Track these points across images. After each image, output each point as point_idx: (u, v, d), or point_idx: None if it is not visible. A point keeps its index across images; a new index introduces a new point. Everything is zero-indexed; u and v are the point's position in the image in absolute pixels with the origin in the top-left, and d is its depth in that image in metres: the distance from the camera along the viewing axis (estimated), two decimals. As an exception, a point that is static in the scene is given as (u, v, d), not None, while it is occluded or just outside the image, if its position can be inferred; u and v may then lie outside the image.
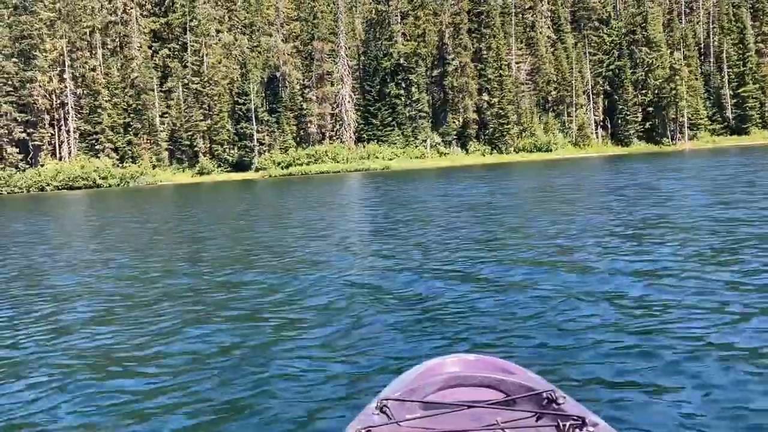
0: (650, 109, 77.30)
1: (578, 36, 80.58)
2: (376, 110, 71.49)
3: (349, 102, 71.83)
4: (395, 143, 70.31)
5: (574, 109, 76.13)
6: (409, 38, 74.04)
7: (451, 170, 50.46)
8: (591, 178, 27.42)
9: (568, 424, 2.19)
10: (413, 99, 71.94)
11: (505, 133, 71.11)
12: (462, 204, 17.82)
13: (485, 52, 73.14)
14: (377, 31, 75.49)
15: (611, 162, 46.95)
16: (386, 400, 2.44)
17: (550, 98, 77.09)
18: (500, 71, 71.96)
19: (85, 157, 66.50)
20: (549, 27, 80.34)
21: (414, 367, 2.80)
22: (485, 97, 72.63)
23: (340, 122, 71.73)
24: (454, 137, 72.21)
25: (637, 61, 78.27)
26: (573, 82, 75.81)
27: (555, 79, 76.48)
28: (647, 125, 77.13)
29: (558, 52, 77.27)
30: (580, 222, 11.78)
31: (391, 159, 66.90)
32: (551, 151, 70.75)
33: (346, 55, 72.92)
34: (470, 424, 2.29)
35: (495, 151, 70.82)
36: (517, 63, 76.84)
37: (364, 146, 69.74)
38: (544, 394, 2.41)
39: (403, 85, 72.19)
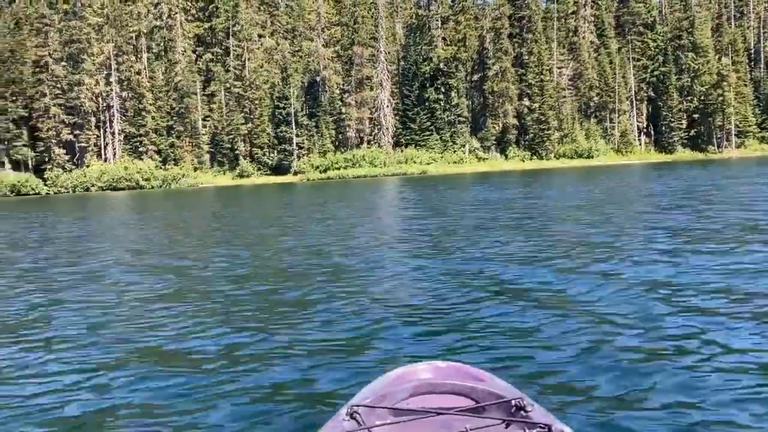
0: (696, 115, 77.28)
1: (622, 41, 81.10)
2: (415, 115, 73.15)
3: (387, 106, 73.67)
4: (433, 148, 71.80)
5: (616, 115, 76.62)
6: (449, 43, 75.60)
7: (490, 176, 51.54)
8: (650, 185, 26.27)
9: (535, 431, 2.28)
10: (452, 104, 73.44)
11: (545, 138, 72.06)
12: (513, 210, 17.69)
13: (526, 57, 74.23)
14: (417, 35, 77.23)
15: (659, 169, 46.55)
16: (357, 406, 2.50)
17: (592, 104, 77.73)
18: (541, 76, 72.99)
19: (129, 159, 69.53)
20: (592, 32, 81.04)
21: (385, 374, 2.85)
22: (526, 102, 73.70)
23: (379, 127, 73.60)
24: (493, 142, 73.41)
25: (683, 66, 78.35)
26: (616, 87, 76.32)
27: (597, 85, 77.11)
28: (692, 132, 77.13)
29: (601, 58, 77.90)
30: (658, 226, 11.74)
31: (428, 164, 68.39)
32: (592, 157, 71.37)
33: (386, 59, 74.83)
34: (440, 431, 2.37)
35: (534, 156, 71.80)
36: (558, 68, 77.76)
37: (401, 151, 71.43)
38: (513, 402, 2.49)
39: (443, 89, 73.73)
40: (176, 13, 74.72)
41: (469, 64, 75.85)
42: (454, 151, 72.06)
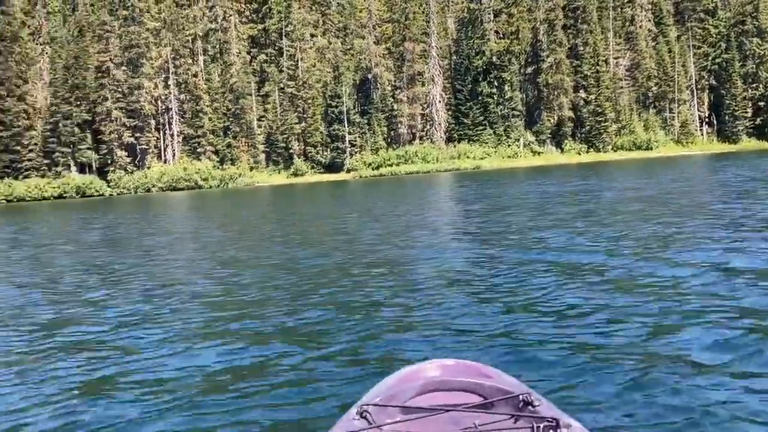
0: (761, 103, 74.87)
1: (681, 29, 79.14)
2: (468, 109, 73.16)
3: (439, 102, 73.91)
4: (487, 142, 71.68)
5: (676, 105, 74.89)
6: (501, 36, 75.30)
7: (547, 169, 51.22)
8: (718, 175, 25.42)
9: (542, 425, 2.32)
10: (506, 97, 73.15)
11: (602, 130, 71.05)
12: (586, 203, 17.21)
13: (581, 48, 73.28)
14: (469, 29, 77.13)
15: (724, 159, 44.99)
16: (366, 405, 2.55)
17: (650, 94, 76.18)
18: (597, 67, 71.98)
19: (188, 160, 71.82)
20: (650, 20, 79.36)
21: (394, 373, 2.91)
22: (581, 94, 72.77)
23: (431, 122, 73.91)
24: (548, 136, 72.77)
25: (747, 53, 75.98)
26: (675, 76, 74.58)
27: (656, 74, 75.51)
28: (758, 121, 74.74)
29: (659, 46, 76.25)
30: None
31: (482, 158, 68.31)
32: (651, 149, 69.98)
33: (437, 54, 75.07)
34: (449, 427, 2.40)
35: (591, 149, 70.87)
36: (615, 58, 76.48)
37: (454, 146, 71.56)
38: (521, 397, 2.54)
39: (495, 83, 73.50)
40: (230, 15, 76.71)
41: (522, 56, 75.36)
42: (508, 146, 71.78)
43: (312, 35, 77.89)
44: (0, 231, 24.28)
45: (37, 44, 78.75)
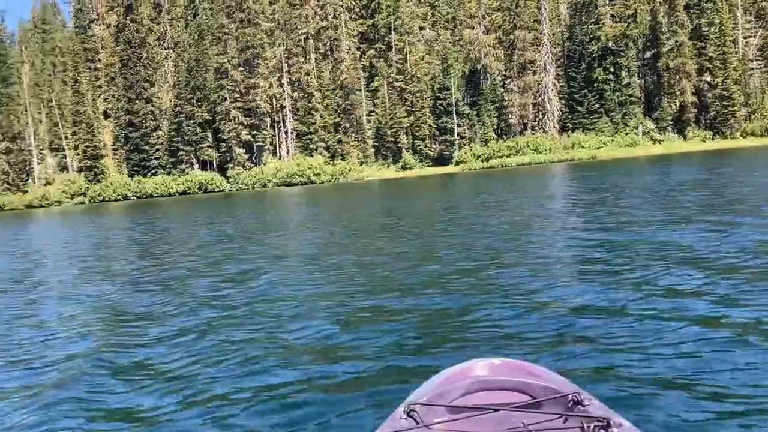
0: None
1: (822, 1, 73.13)
2: (582, 97, 71.35)
3: (552, 90, 72.56)
4: (603, 131, 69.60)
5: (816, 85, 69.41)
6: (618, 20, 72.75)
7: (669, 158, 49.15)
8: None
9: (592, 425, 2.30)
10: (623, 83, 70.70)
11: (729, 116, 67.07)
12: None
13: (706, 29, 69.40)
14: (583, 14, 75.10)
15: None
16: (414, 404, 2.56)
17: (786, 75, 71.04)
18: (724, 48, 67.96)
19: (301, 156, 74.86)
20: (785, -6, 73.90)
21: (441, 372, 2.90)
22: (706, 77, 69.02)
23: (543, 112, 72.74)
24: (670, 122, 69.58)
25: None
26: (815, 54, 69.14)
27: (792, 53, 70.33)
28: None
29: (796, 22, 70.92)
30: None
31: (598, 148, 66.42)
32: (788, 134, 65.33)
33: (550, 42, 73.70)
34: (497, 427, 2.40)
35: (717, 136, 67.10)
36: (745, 38, 71.90)
37: (568, 135, 70.05)
38: (570, 396, 2.52)
39: (612, 69, 71.18)
40: (341, 13, 79.03)
41: (640, 40, 72.50)
42: (626, 134, 69.32)
43: (420, 28, 78.89)
44: (163, 224, 26.66)
45: (162, 49, 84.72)
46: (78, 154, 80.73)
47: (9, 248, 19.22)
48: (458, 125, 71.93)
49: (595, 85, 71.08)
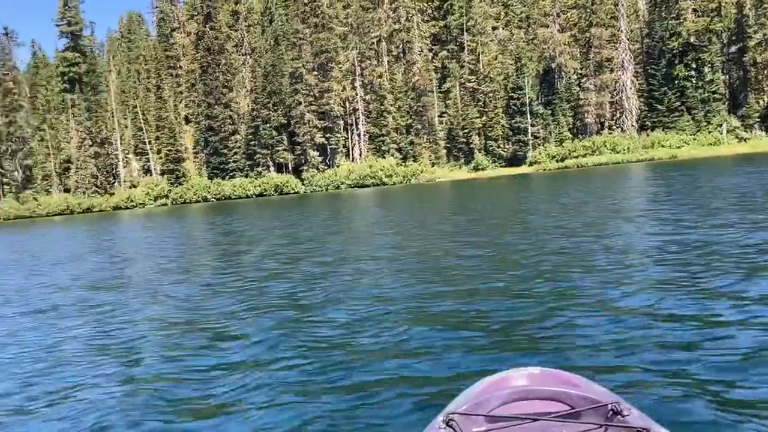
0: None
1: None
2: (662, 95, 69.29)
3: (630, 88, 70.80)
4: (684, 130, 67.38)
5: None
6: (700, 14, 70.27)
7: (757, 158, 46.93)
8: None
9: None
10: (705, 80, 68.24)
11: (823, 112, 63.71)
12: None
13: (797, 20, 66.18)
14: (663, 9, 72.91)
15: None
16: (452, 414, 2.55)
17: None
18: (818, 40, 64.62)
19: (373, 158, 75.80)
20: None
21: (479, 381, 2.88)
22: (797, 71, 65.76)
23: (621, 110, 71.06)
24: (757, 120, 66.63)
25: None
26: None
27: None
28: None
29: None
30: None
31: (678, 147, 64.37)
32: None
33: (628, 38, 71.94)
34: None
35: (810, 133, 63.84)
36: (840, 28, 68.01)
37: (647, 134, 68.18)
38: (610, 406, 2.49)
39: (694, 65, 68.82)
40: (413, 15, 79.61)
41: (724, 35, 69.73)
42: (709, 132, 66.83)
43: (493, 28, 78.51)
44: (265, 223, 27.79)
45: (239, 55, 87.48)
46: (161, 158, 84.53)
47: (106, 247, 20.52)
48: (532, 125, 71.20)
49: (675, 82, 68.89)
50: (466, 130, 74.52)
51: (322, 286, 8.73)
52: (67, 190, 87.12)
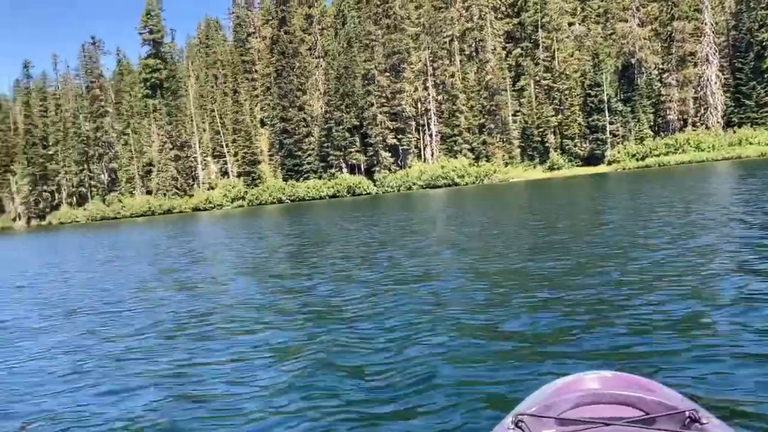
0: None
1: None
2: (750, 90, 65.99)
3: (715, 83, 67.75)
4: (775, 126, 63.97)
5: None
6: (793, 3, 66.57)
7: None
8: None
9: None
10: (798, 73, 64.56)
11: None
12: None
13: None
14: (751, 0, 69.46)
15: None
16: (522, 415, 2.52)
17: None
18: None
19: (445, 158, 75.42)
20: None
21: (550, 383, 2.82)
22: None
23: (705, 106, 68.07)
24: None
25: None
26: None
27: None
28: None
29: None
30: None
31: (769, 144, 61.18)
32: None
33: (712, 31, 68.86)
34: None
35: None
36: None
37: (734, 131, 65.03)
38: (687, 413, 2.40)
39: (786, 58, 65.21)
40: (486, 13, 78.76)
41: (820, 24, 65.76)
42: (804, 128, 63.18)
43: (569, 24, 76.72)
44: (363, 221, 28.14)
45: (313, 58, 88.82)
46: (237, 161, 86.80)
47: (195, 245, 21.16)
48: (611, 123, 69.14)
49: (765, 76, 65.45)
50: (541, 129, 73.14)
51: (403, 286, 8.75)
52: (149, 192, 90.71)
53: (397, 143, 77.01)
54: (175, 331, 7.36)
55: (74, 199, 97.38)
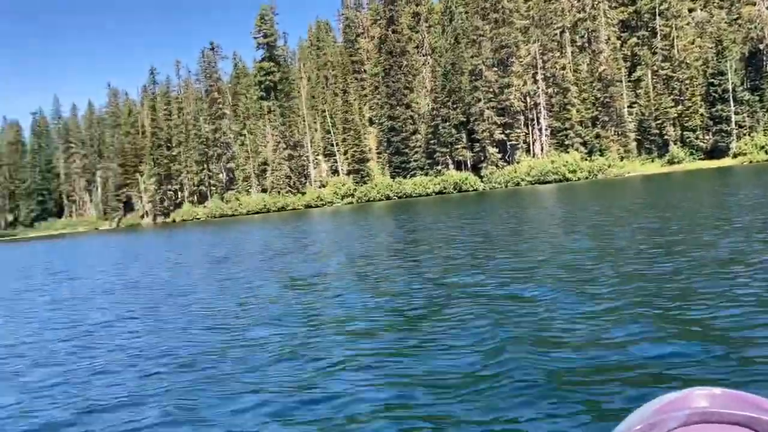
0: None
1: None
2: None
3: None
4: None
5: None
6: None
7: None
8: None
9: None
10: None
11: None
12: None
13: None
14: None
15: None
16: None
17: None
18: None
19: (555, 153, 73.45)
20: None
21: (653, 400, 3.21)
22: None
23: None
24: None
25: None
26: None
27: None
28: None
29: None
30: None
31: None
32: None
33: None
34: None
35: None
36: None
37: None
38: None
39: None
40: (599, 2, 75.99)
41: None
42: None
43: (690, 10, 72.55)
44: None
45: (420, 56, 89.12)
46: (347, 159, 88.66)
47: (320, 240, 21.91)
48: (736, 113, 64.80)
49: None
50: (659, 121, 69.66)
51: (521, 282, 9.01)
52: (264, 191, 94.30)
53: (505, 138, 75.86)
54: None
55: (195, 197, 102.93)
